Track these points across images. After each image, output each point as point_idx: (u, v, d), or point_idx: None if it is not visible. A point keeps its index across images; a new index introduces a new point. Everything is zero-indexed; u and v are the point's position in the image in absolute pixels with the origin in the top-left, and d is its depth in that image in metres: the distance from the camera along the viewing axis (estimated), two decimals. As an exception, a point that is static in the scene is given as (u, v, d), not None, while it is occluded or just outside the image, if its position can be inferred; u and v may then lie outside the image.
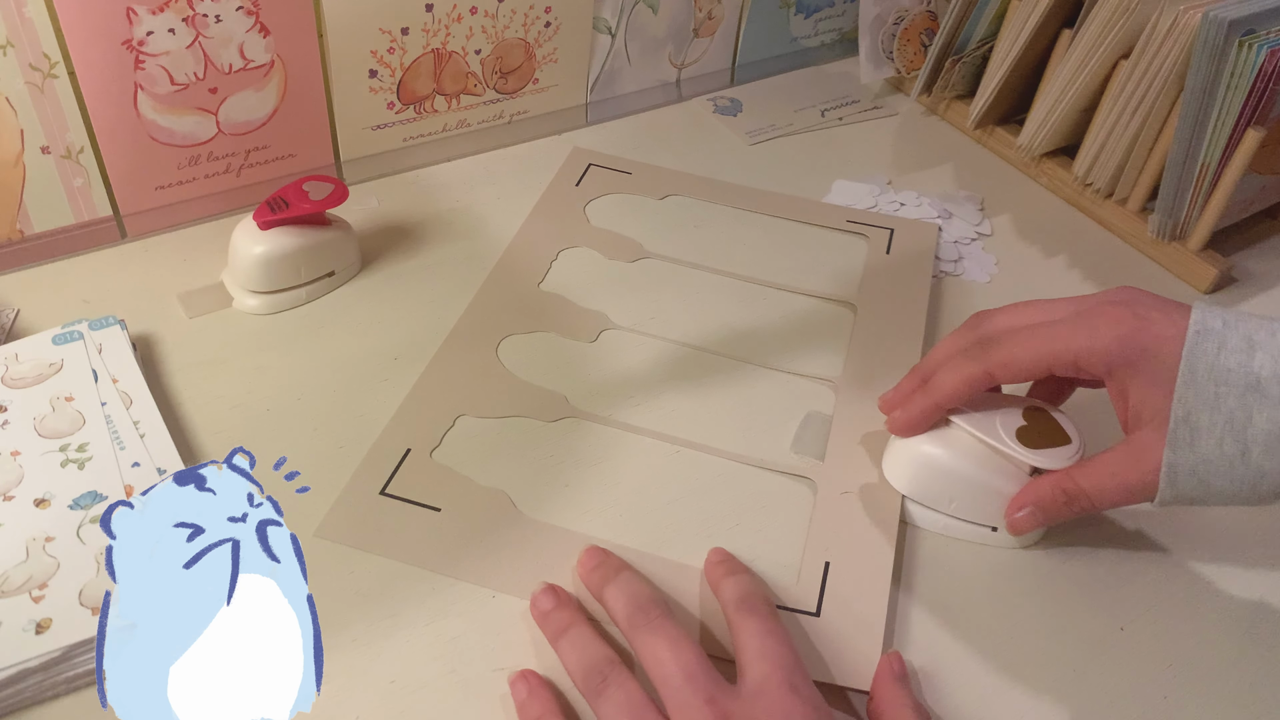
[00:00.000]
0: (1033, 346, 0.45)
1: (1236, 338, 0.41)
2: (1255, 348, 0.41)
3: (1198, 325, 0.42)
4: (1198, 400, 0.41)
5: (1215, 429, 0.41)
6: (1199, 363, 0.41)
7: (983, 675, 0.44)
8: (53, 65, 0.55)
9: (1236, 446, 0.41)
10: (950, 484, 0.48)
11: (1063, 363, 0.44)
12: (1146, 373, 0.43)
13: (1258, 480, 0.41)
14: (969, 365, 0.46)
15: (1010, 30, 0.72)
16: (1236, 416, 0.40)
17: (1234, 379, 0.41)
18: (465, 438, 0.51)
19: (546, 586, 0.44)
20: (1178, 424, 0.41)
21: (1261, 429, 0.40)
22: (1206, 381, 0.41)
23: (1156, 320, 0.43)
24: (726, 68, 0.84)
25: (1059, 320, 0.45)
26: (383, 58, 0.66)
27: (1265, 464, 0.40)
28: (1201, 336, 0.42)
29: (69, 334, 0.51)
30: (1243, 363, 0.41)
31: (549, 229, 0.66)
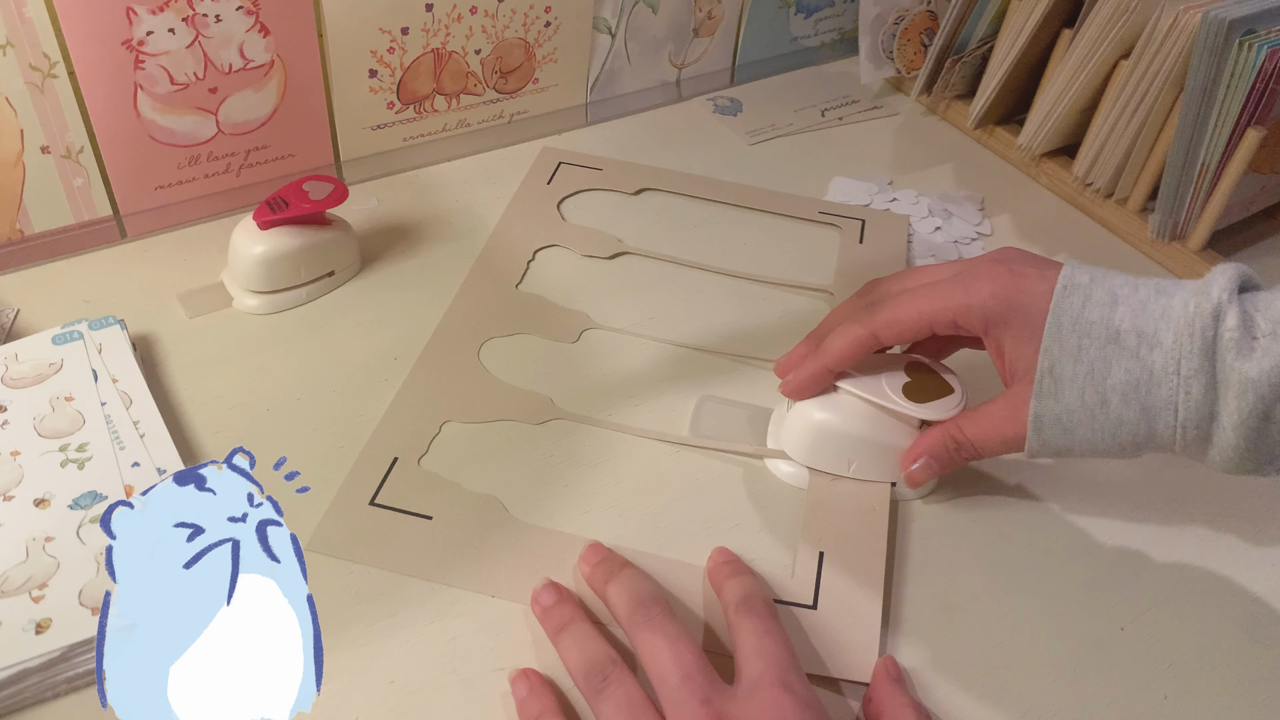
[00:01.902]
0: (914, 307, 0.46)
1: (1101, 292, 0.43)
2: (1118, 302, 0.43)
3: (1065, 280, 0.44)
4: (1062, 352, 0.43)
5: (1078, 379, 0.42)
6: (1064, 316, 0.43)
7: (982, 675, 0.44)
8: (53, 65, 0.55)
9: (1097, 396, 0.42)
10: (847, 447, 0.50)
11: (942, 321, 0.46)
12: (1019, 328, 0.44)
13: (1116, 429, 0.42)
14: (855, 328, 0.47)
15: (1010, 30, 0.72)
16: (1097, 367, 0.42)
17: (1096, 331, 0.42)
18: (452, 444, 0.51)
19: (548, 582, 0.44)
20: (1043, 374, 0.43)
21: (1119, 379, 0.42)
22: (1071, 334, 0.43)
23: (1030, 276, 0.44)
24: (726, 68, 0.84)
25: (940, 280, 0.47)
26: (383, 57, 0.66)
27: (1123, 413, 0.42)
28: (1068, 291, 0.43)
29: (69, 334, 0.51)
30: (1105, 316, 0.42)
31: (524, 229, 0.66)
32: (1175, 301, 0.42)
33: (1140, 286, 0.43)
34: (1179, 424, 0.41)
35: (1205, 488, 0.53)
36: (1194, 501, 0.53)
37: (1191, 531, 0.51)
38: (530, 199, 0.68)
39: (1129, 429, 0.42)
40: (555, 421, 0.53)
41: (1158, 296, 0.42)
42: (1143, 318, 0.42)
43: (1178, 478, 0.54)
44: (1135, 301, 0.42)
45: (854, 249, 0.67)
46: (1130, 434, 0.42)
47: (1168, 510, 0.52)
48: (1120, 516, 0.52)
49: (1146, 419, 0.42)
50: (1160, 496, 0.53)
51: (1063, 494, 0.52)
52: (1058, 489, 0.52)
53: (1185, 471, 0.54)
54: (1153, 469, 0.54)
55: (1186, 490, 0.53)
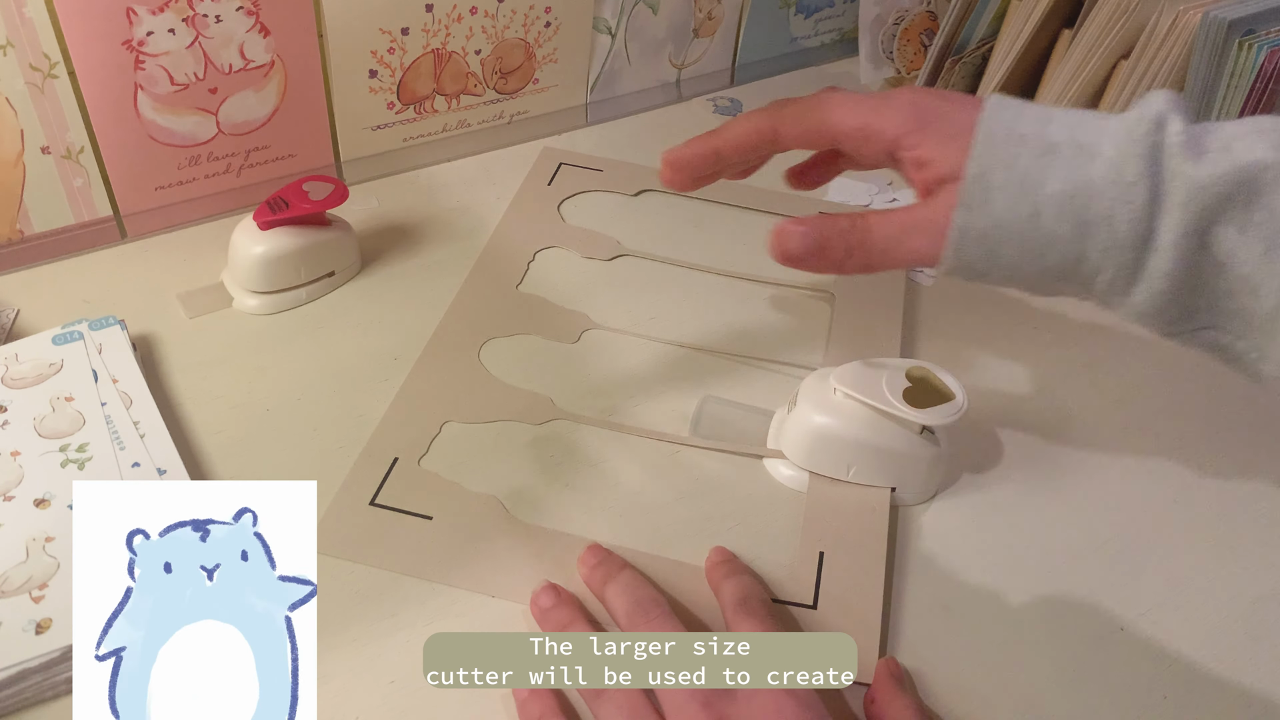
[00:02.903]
0: (822, 110, 0.44)
1: (1033, 111, 0.40)
2: (1050, 120, 0.40)
3: (996, 99, 0.41)
4: (993, 159, 0.39)
5: (1009, 188, 0.39)
6: (996, 125, 0.40)
7: (982, 675, 0.44)
8: (53, 65, 0.55)
9: (1029, 207, 0.39)
10: (846, 451, 0.50)
11: (849, 126, 0.43)
12: (939, 131, 0.41)
13: (1046, 247, 0.39)
14: (757, 116, 0.45)
15: (1010, 30, 0.72)
16: (1031, 176, 0.39)
17: (1031, 141, 0.39)
18: (453, 444, 0.51)
19: (547, 584, 0.44)
20: (972, 181, 0.39)
21: (1055, 189, 0.39)
22: (1003, 143, 0.39)
23: (952, 98, 0.42)
24: (726, 68, 0.84)
25: (856, 94, 0.44)
26: (383, 58, 0.66)
27: (1056, 228, 0.39)
28: (999, 107, 0.41)
29: (69, 334, 0.51)
30: (1039, 129, 0.40)
31: (524, 230, 0.66)
32: (1113, 121, 0.39)
33: (1072, 110, 0.41)
34: (1114, 243, 0.38)
35: (1206, 487, 0.53)
36: (1194, 501, 0.53)
37: (1191, 531, 0.51)
38: (531, 200, 0.68)
39: (1059, 249, 0.39)
40: (555, 422, 0.53)
41: (1094, 118, 0.40)
42: (1079, 131, 0.39)
43: (1178, 477, 0.54)
44: (1071, 119, 0.40)
45: None
46: (1059, 255, 0.39)
47: (1168, 510, 0.52)
48: (1120, 516, 0.52)
49: (1079, 236, 0.39)
50: (1161, 496, 0.53)
51: (1063, 494, 0.52)
52: (1058, 489, 0.52)
53: (1185, 471, 0.54)
54: (1153, 469, 0.54)
55: (1187, 490, 0.53)
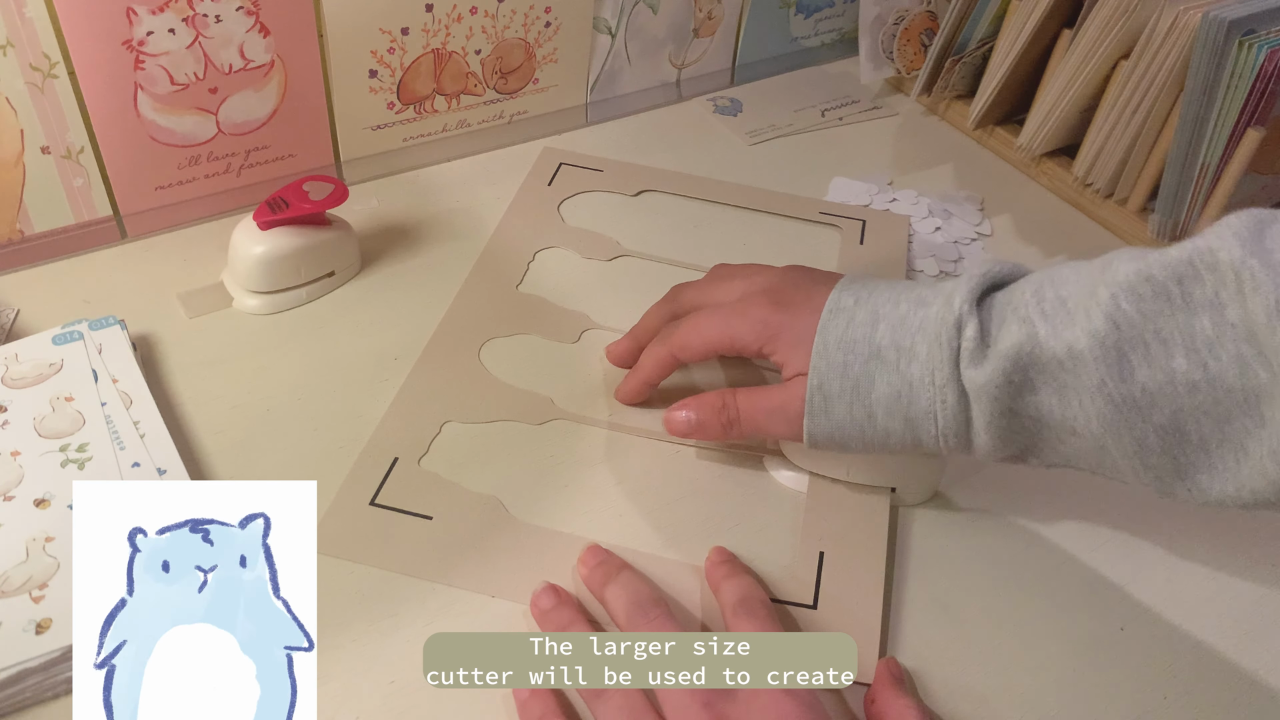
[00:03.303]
0: (699, 332, 0.50)
1: (864, 313, 0.45)
2: (879, 320, 0.45)
3: (831, 305, 0.46)
4: (829, 369, 0.45)
5: (845, 395, 0.45)
6: (830, 336, 0.45)
7: (982, 675, 0.44)
8: (53, 65, 0.55)
9: (864, 410, 0.44)
10: (847, 453, 0.49)
11: (723, 347, 0.49)
12: (788, 340, 0.47)
13: (885, 438, 0.45)
14: (659, 349, 0.52)
15: (1010, 30, 0.72)
16: (862, 383, 0.44)
17: (859, 348, 0.45)
18: (453, 444, 0.51)
19: (547, 585, 0.44)
20: (813, 392, 0.45)
21: (883, 392, 0.44)
22: (836, 351, 0.45)
23: (796, 303, 0.48)
24: (726, 68, 0.84)
25: (723, 305, 0.50)
26: (383, 58, 0.66)
27: (889, 425, 0.44)
28: (833, 314, 0.46)
29: (69, 334, 0.51)
30: (867, 334, 0.45)
31: (524, 230, 0.65)
32: (931, 312, 0.44)
33: (901, 301, 0.45)
34: (940, 432, 0.43)
35: (1205, 488, 0.53)
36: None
37: (1191, 531, 0.51)
38: (531, 200, 0.68)
39: (897, 438, 0.45)
40: (555, 422, 0.53)
41: (916, 309, 0.45)
42: (901, 332, 0.44)
43: (1178, 478, 0.54)
44: (895, 318, 0.45)
45: (854, 249, 0.67)
46: (898, 442, 0.45)
47: (1168, 510, 0.52)
48: (1120, 516, 0.52)
49: (911, 429, 0.44)
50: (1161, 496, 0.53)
51: (1063, 494, 0.52)
52: (1058, 489, 0.52)
53: (1185, 471, 0.54)
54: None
55: (1186, 490, 0.53)
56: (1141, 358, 0.39)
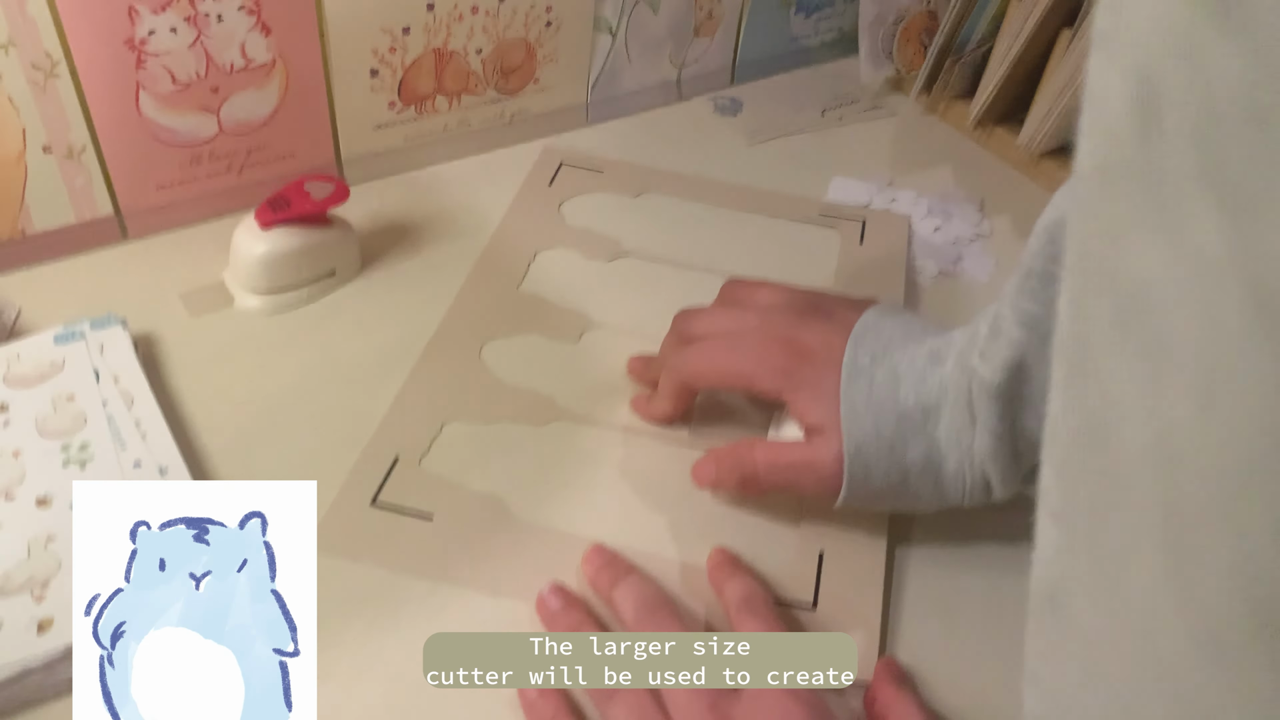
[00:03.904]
0: (713, 365, 0.49)
1: (882, 374, 0.45)
2: (899, 381, 0.45)
3: (849, 368, 0.45)
4: (863, 434, 0.44)
5: (882, 460, 0.44)
6: (856, 398, 0.45)
7: (982, 675, 0.44)
8: (54, 64, 0.55)
9: (899, 474, 0.45)
10: None
11: (738, 384, 0.49)
12: (811, 393, 0.46)
13: (915, 500, 0.46)
14: (672, 377, 0.51)
15: (1010, 30, 0.72)
16: (895, 446, 0.44)
17: (886, 410, 0.44)
18: (454, 444, 0.51)
19: (554, 586, 0.44)
20: (852, 459, 0.44)
21: (914, 457, 0.44)
22: (865, 413, 0.44)
23: (814, 354, 0.47)
24: (726, 67, 0.84)
25: (739, 339, 0.49)
26: (384, 57, 0.66)
27: (920, 488, 0.45)
28: (853, 378, 0.45)
29: (70, 333, 0.51)
30: (890, 394, 0.44)
31: (525, 231, 0.65)
32: (948, 369, 0.44)
33: (917, 356, 0.45)
34: (967, 491, 0.45)
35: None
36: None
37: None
38: (532, 200, 0.68)
39: (925, 499, 0.46)
40: (556, 422, 0.53)
41: (933, 367, 0.44)
42: (923, 391, 0.44)
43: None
44: (913, 376, 0.44)
45: (854, 249, 0.67)
46: (927, 502, 0.46)
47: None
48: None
49: (940, 489, 0.45)
50: None
51: (1062, 494, 0.52)
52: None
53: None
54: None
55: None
56: None
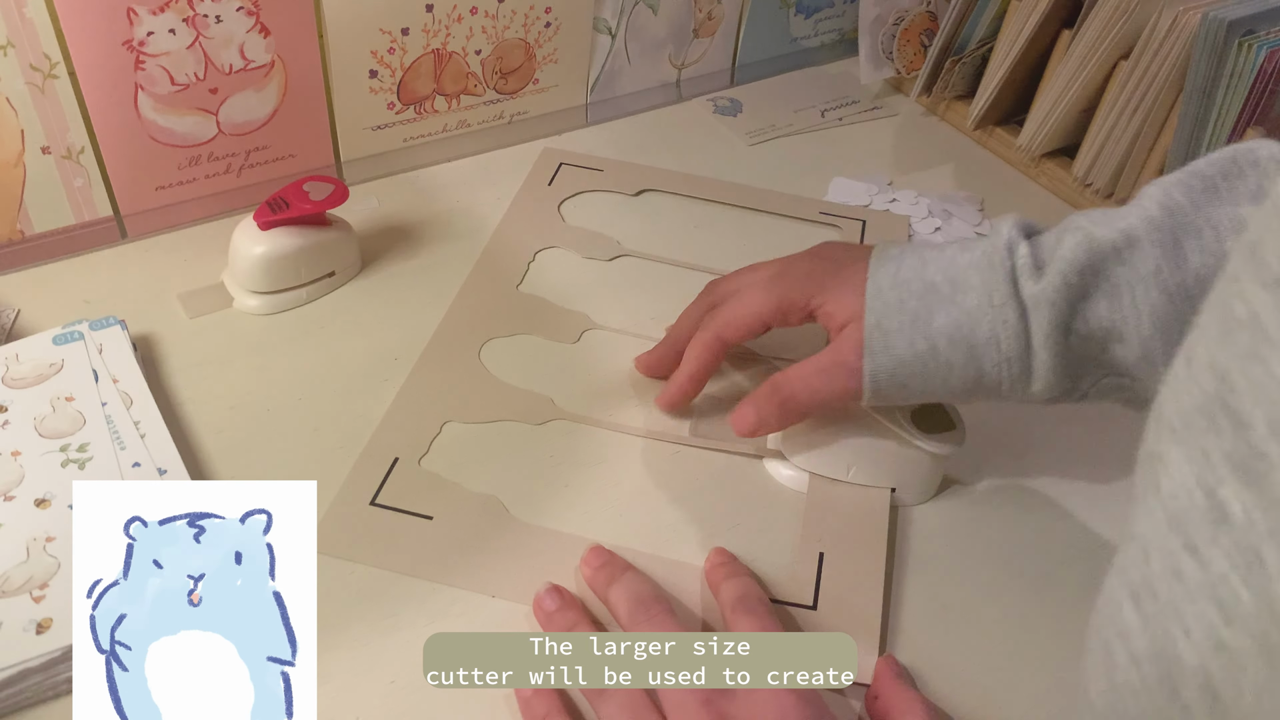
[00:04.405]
0: (744, 306, 0.49)
1: (911, 257, 0.46)
2: (927, 262, 0.45)
3: (878, 254, 0.47)
4: (885, 307, 0.45)
5: (905, 329, 0.44)
6: (881, 277, 0.45)
7: (982, 675, 0.44)
8: (53, 65, 0.55)
9: (925, 343, 0.44)
10: (846, 452, 0.50)
11: (771, 313, 0.49)
12: (836, 289, 0.47)
13: (948, 373, 0.44)
14: (703, 334, 0.51)
15: (1010, 30, 0.72)
16: (920, 316, 0.44)
17: (913, 285, 0.45)
18: (453, 444, 0.51)
19: (551, 587, 0.44)
20: (871, 331, 0.45)
21: (942, 323, 0.44)
22: (890, 291, 0.45)
23: (842, 258, 0.48)
24: (726, 68, 0.84)
25: (765, 277, 0.50)
26: (383, 58, 0.66)
27: (952, 356, 0.44)
28: (881, 260, 0.46)
29: (69, 334, 0.51)
30: (918, 273, 0.45)
31: (524, 230, 0.66)
32: (975, 253, 0.45)
33: (946, 248, 0.46)
34: (1003, 358, 0.43)
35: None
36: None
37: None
38: (531, 200, 0.68)
39: (959, 372, 0.44)
40: (556, 422, 0.53)
41: (961, 252, 0.45)
42: (952, 268, 0.44)
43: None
44: (943, 259, 0.45)
45: None
46: (960, 377, 0.44)
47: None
48: (1120, 516, 0.52)
49: (974, 359, 0.43)
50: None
51: (1063, 494, 0.52)
52: (1058, 489, 0.53)
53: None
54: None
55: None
56: (1194, 244, 0.39)
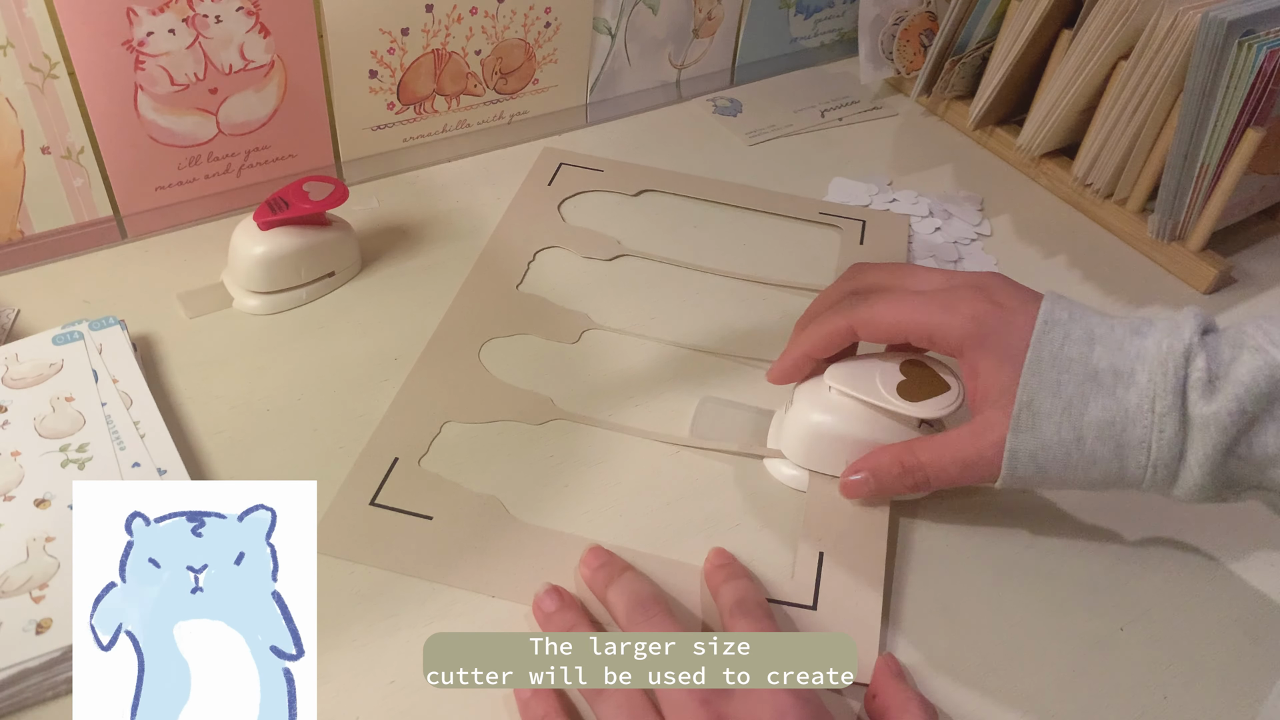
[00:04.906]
0: (895, 311, 0.47)
1: (1079, 330, 0.44)
2: (1095, 341, 0.44)
3: (1046, 316, 0.44)
4: (1041, 386, 0.43)
5: (1055, 414, 0.43)
6: (1044, 351, 0.44)
7: (982, 675, 0.44)
8: (53, 66, 0.55)
9: (1073, 433, 0.43)
10: (843, 448, 0.49)
11: (918, 334, 0.47)
12: (995, 352, 0.44)
13: (1090, 466, 0.43)
14: (835, 318, 0.48)
15: (1010, 31, 0.72)
16: (1074, 404, 0.43)
17: (1075, 368, 0.43)
18: (453, 444, 0.51)
19: (550, 587, 0.44)
20: (1021, 408, 0.43)
21: (1095, 416, 0.42)
22: (1050, 369, 0.43)
23: (1010, 307, 0.45)
24: (726, 68, 0.84)
25: (924, 292, 0.47)
26: (383, 58, 0.66)
27: (1098, 450, 0.43)
28: (1049, 327, 0.44)
29: (69, 334, 0.51)
30: (1083, 354, 0.43)
31: (524, 230, 0.66)
32: (1149, 342, 0.43)
33: (1116, 326, 0.44)
34: (1150, 463, 0.42)
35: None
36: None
37: (1191, 531, 0.51)
38: (531, 200, 0.68)
39: (1101, 466, 0.43)
40: (555, 422, 0.53)
41: (1132, 337, 0.43)
42: (1119, 357, 0.43)
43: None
44: (1112, 341, 0.43)
45: (854, 249, 0.67)
46: (1102, 471, 0.43)
47: (1168, 510, 0.52)
48: (1120, 516, 0.52)
49: (1119, 457, 0.43)
50: (1162, 497, 0.53)
51: (1063, 495, 0.52)
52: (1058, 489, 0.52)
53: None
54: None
55: (1186, 490, 0.53)
56: None
